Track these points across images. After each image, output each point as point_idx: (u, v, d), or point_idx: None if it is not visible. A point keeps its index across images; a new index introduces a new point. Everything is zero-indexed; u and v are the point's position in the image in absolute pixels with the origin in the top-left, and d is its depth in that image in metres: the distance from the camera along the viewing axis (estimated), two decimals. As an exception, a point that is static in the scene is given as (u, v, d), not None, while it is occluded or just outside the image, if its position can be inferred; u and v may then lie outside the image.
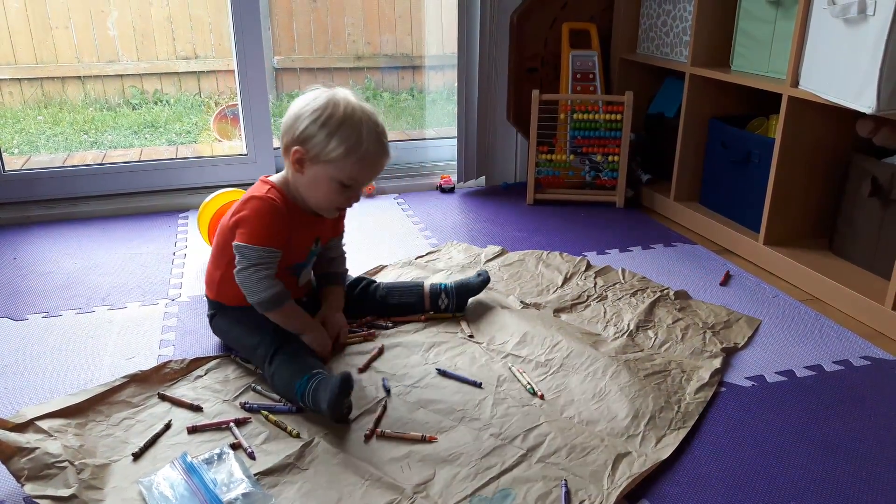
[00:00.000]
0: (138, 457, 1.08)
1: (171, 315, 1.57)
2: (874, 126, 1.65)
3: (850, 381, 1.33)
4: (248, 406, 1.20)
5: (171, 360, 1.33)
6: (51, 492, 0.97)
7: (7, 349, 1.42)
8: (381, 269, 1.79)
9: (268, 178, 1.35)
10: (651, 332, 1.47)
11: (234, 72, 2.33)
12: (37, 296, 1.66)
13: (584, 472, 1.05)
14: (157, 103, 3.05)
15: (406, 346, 1.39)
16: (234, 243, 1.28)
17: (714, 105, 2.11)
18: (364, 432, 1.13)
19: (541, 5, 2.39)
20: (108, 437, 1.12)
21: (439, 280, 1.62)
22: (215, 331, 1.42)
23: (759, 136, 1.94)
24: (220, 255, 1.35)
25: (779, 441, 1.15)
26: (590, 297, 1.63)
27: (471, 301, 1.57)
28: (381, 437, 1.13)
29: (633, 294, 1.64)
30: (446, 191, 2.49)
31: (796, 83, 1.69)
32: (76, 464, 1.03)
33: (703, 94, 2.09)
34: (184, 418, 1.18)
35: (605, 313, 1.56)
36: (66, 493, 0.97)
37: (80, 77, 2.88)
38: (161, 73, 2.99)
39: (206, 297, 1.42)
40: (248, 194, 1.32)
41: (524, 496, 1.00)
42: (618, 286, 1.69)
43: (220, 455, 1.05)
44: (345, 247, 1.51)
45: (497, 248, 1.90)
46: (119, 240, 2.01)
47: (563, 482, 1.02)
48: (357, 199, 1.34)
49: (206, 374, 1.31)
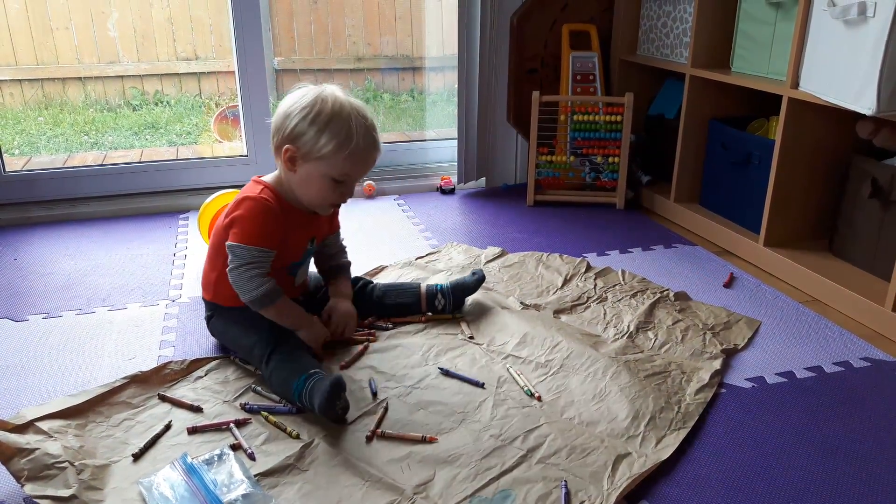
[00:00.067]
0: (138, 457, 1.08)
1: (171, 316, 1.57)
2: (874, 127, 1.65)
3: (850, 383, 1.33)
4: (248, 407, 1.20)
5: (171, 361, 1.33)
6: (51, 492, 0.97)
7: (7, 350, 1.43)
8: (382, 269, 1.79)
9: (261, 177, 1.35)
10: (651, 334, 1.47)
11: (234, 73, 2.33)
12: (37, 296, 1.66)
13: (583, 473, 1.05)
14: (157, 104, 3.05)
15: (406, 348, 1.39)
16: (227, 243, 1.28)
17: (714, 106, 2.11)
18: (365, 433, 1.13)
19: (541, 7, 2.39)
20: (109, 438, 1.12)
21: (438, 281, 1.62)
22: (212, 332, 1.42)
23: (760, 138, 1.94)
24: (216, 256, 1.35)
25: (779, 442, 1.15)
26: (590, 298, 1.64)
27: (471, 302, 1.57)
28: (382, 438, 1.13)
29: (633, 295, 1.64)
30: (446, 192, 2.49)
31: (796, 84, 1.69)
32: (76, 464, 1.03)
33: (703, 96, 2.09)
34: (184, 419, 1.18)
35: (605, 315, 1.56)
36: (66, 493, 0.98)
37: (80, 78, 2.88)
38: (161, 74, 2.98)
39: (203, 298, 1.42)
40: (241, 195, 1.31)
41: (524, 497, 1.00)
42: (618, 287, 1.69)
43: (220, 456, 1.05)
44: (344, 241, 1.52)
45: (497, 250, 1.90)
46: (119, 241, 2.01)
47: (562, 483, 1.02)
48: (350, 194, 1.34)
49: (206, 374, 1.31)
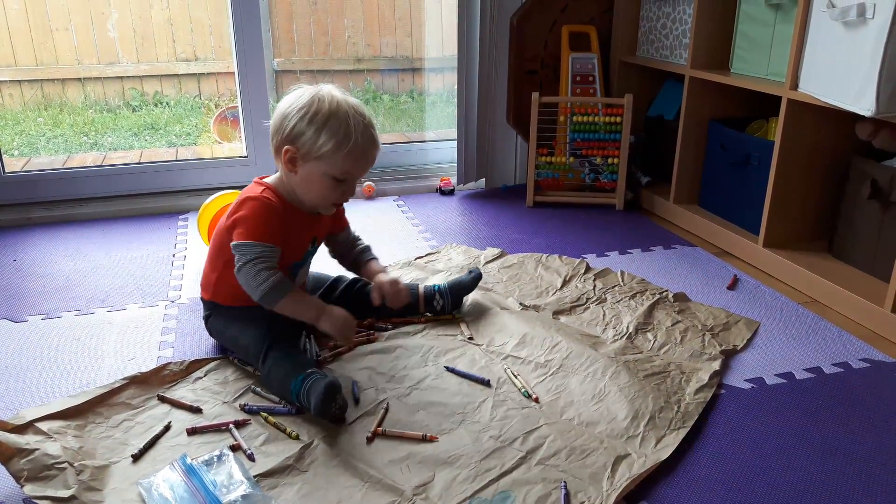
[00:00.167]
0: (138, 458, 1.08)
1: (170, 317, 1.57)
2: (874, 128, 1.65)
3: (849, 384, 1.33)
4: (247, 408, 1.20)
5: (170, 362, 1.33)
6: (50, 493, 0.97)
7: (7, 351, 1.42)
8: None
9: (262, 179, 1.35)
10: (650, 335, 1.47)
11: (234, 74, 2.33)
12: (37, 297, 1.66)
13: (583, 474, 1.05)
14: (157, 105, 3.05)
15: (406, 348, 1.39)
16: (232, 243, 1.27)
17: (713, 107, 2.11)
18: (365, 434, 1.13)
19: (541, 8, 2.39)
20: (108, 439, 1.12)
21: (436, 282, 1.62)
22: (211, 332, 1.42)
23: (759, 139, 1.94)
24: (217, 256, 1.35)
25: (778, 443, 1.15)
26: (589, 299, 1.64)
27: (470, 303, 1.57)
28: (383, 437, 1.13)
29: (633, 296, 1.64)
30: (446, 193, 2.49)
31: (796, 86, 1.69)
32: (76, 465, 1.03)
33: (702, 97, 2.09)
34: (183, 420, 1.18)
35: (605, 316, 1.56)
36: (65, 494, 0.98)
37: (80, 79, 2.88)
38: (161, 75, 2.98)
39: (202, 298, 1.42)
40: (243, 195, 1.32)
41: (524, 498, 1.00)
42: (617, 288, 1.69)
43: (219, 457, 1.05)
44: (356, 232, 1.53)
45: (496, 251, 1.90)
46: (119, 241, 2.01)
47: (562, 484, 1.02)
48: (352, 193, 1.34)
49: (205, 375, 1.31)
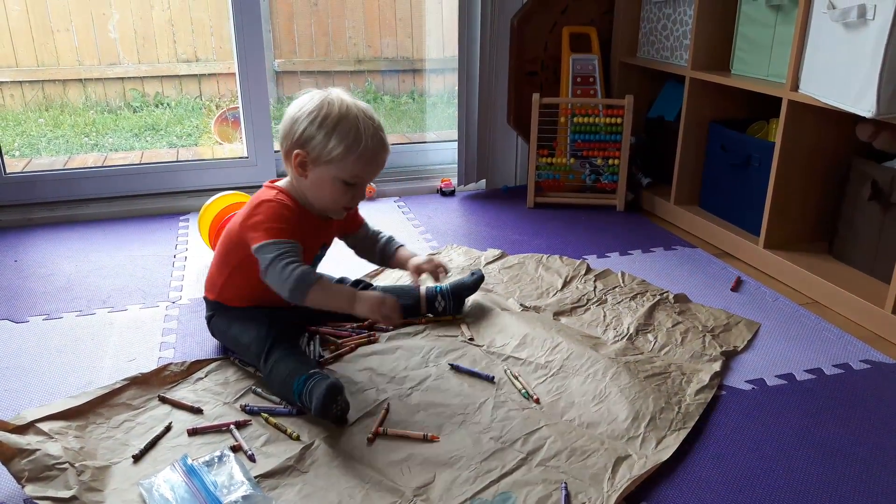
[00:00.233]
0: (139, 459, 1.08)
1: (171, 317, 1.57)
2: (874, 130, 1.65)
3: (850, 385, 1.33)
4: (248, 408, 1.20)
5: (171, 363, 1.33)
6: (51, 493, 0.97)
7: (8, 351, 1.43)
8: (382, 271, 1.79)
9: (273, 182, 1.35)
10: (651, 336, 1.47)
11: (234, 75, 2.33)
12: (38, 298, 1.66)
13: (584, 475, 1.05)
14: (157, 106, 3.05)
15: (407, 349, 1.39)
16: (253, 247, 1.25)
17: (714, 109, 2.11)
18: (366, 435, 1.13)
19: (541, 9, 2.40)
20: (109, 440, 1.12)
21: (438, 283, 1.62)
22: (213, 331, 1.43)
23: (759, 140, 1.94)
24: (225, 259, 1.36)
25: (778, 444, 1.15)
26: (589, 300, 1.64)
27: (471, 304, 1.57)
28: (384, 437, 1.13)
29: (633, 298, 1.64)
30: (447, 194, 2.49)
31: (796, 87, 1.69)
32: (76, 465, 1.03)
33: (703, 98, 2.09)
34: (184, 420, 1.18)
35: (605, 317, 1.56)
36: (66, 494, 0.98)
37: (81, 80, 2.88)
38: (162, 76, 2.99)
39: (205, 298, 1.42)
40: (257, 199, 1.31)
41: (524, 499, 1.00)
42: (617, 290, 1.69)
43: (220, 457, 1.06)
44: (374, 227, 1.53)
45: (497, 251, 1.90)
46: (120, 242, 2.01)
47: (563, 485, 1.02)
48: (362, 197, 1.35)
49: (206, 376, 1.31)
